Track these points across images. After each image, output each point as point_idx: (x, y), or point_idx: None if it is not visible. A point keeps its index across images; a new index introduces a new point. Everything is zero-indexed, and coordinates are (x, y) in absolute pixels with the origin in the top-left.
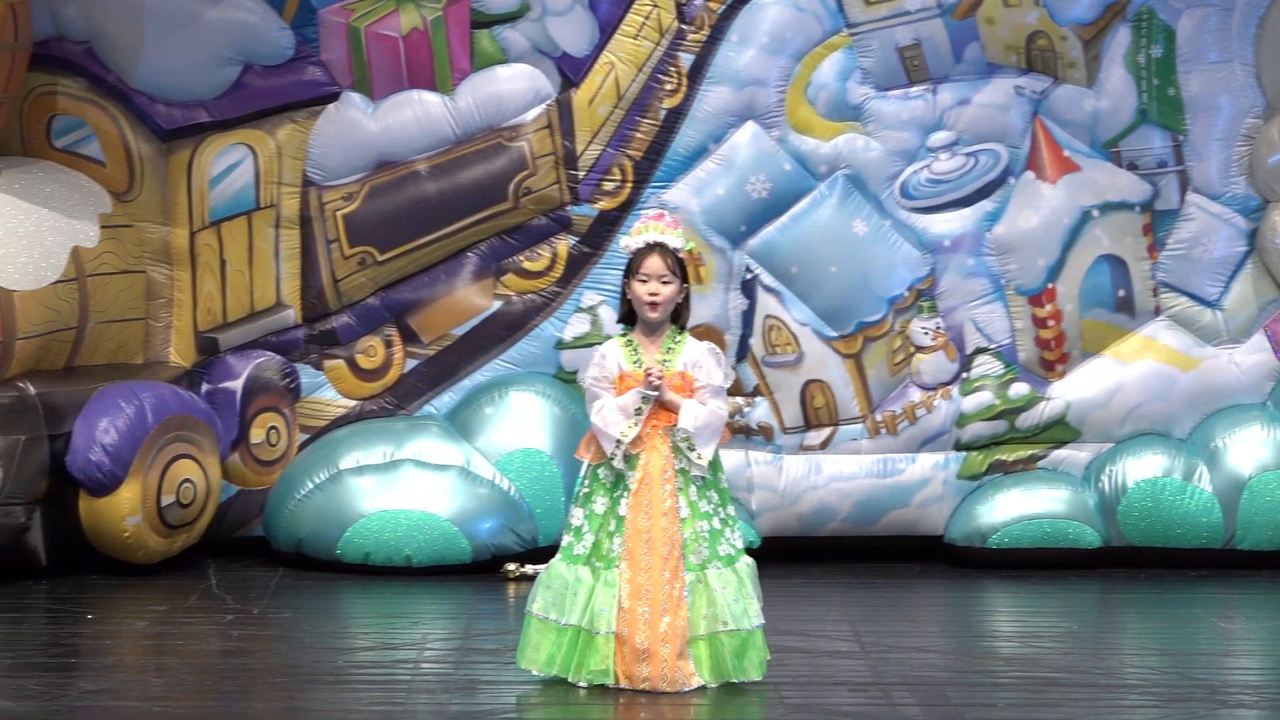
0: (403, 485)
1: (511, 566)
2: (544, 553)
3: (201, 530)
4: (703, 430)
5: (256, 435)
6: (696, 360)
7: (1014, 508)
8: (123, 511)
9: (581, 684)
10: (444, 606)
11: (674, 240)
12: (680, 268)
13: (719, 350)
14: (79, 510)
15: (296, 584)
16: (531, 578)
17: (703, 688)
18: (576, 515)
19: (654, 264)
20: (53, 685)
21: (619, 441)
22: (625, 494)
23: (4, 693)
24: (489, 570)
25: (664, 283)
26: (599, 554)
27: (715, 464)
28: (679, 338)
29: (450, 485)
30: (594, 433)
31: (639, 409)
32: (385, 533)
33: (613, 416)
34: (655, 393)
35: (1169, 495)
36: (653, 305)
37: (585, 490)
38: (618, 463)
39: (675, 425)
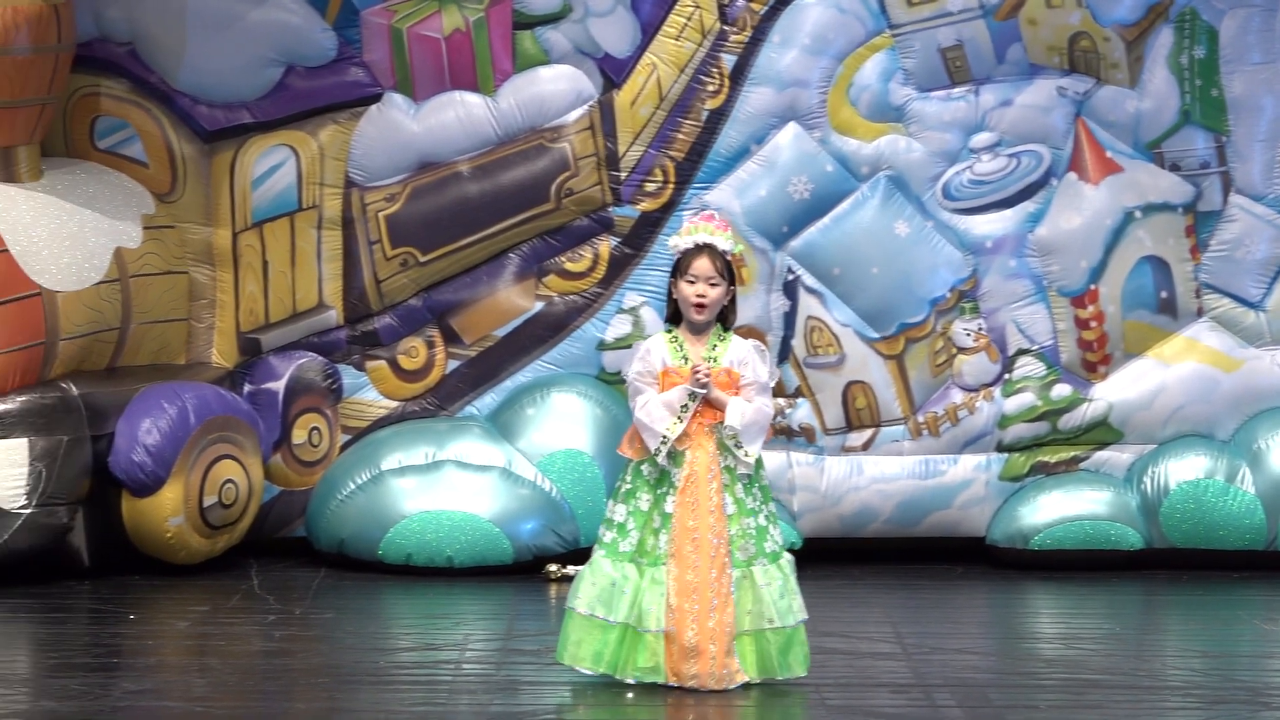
0: (444, 486)
1: (553, 567)
2: (585, 554)
3: (243, 531)
4: (749, 428)
5: (298, 436)
6: (742, 358)
7: (1056, 509)
8: (165, 512)
9: (630, 679)
10: (486, 607)
11: (723, 242)
12: (728, 270)
13: (764, 347)
14: (121, 511)
15: (338, 584)
16: (573, 578)
17: (747, 684)
18: (619, 511)
19: (702, 265)
20: (95, 685)
21: (664, 438)
22: (671, 491)
23: (47, 693)
24: (530, 571)
25: (711, 285)
26: (644, 551)
27: (757, 460)
28: (724, 335)
29: (492, 486)
30: (637, 428)
31: (685, 405)
32: (427, 533)
33: (658, 412)
34: (702, 390)
35: (1211, 497)
36: (699, 307)
37: (628, 486)
38: (662, 459)
39: (721, 423)
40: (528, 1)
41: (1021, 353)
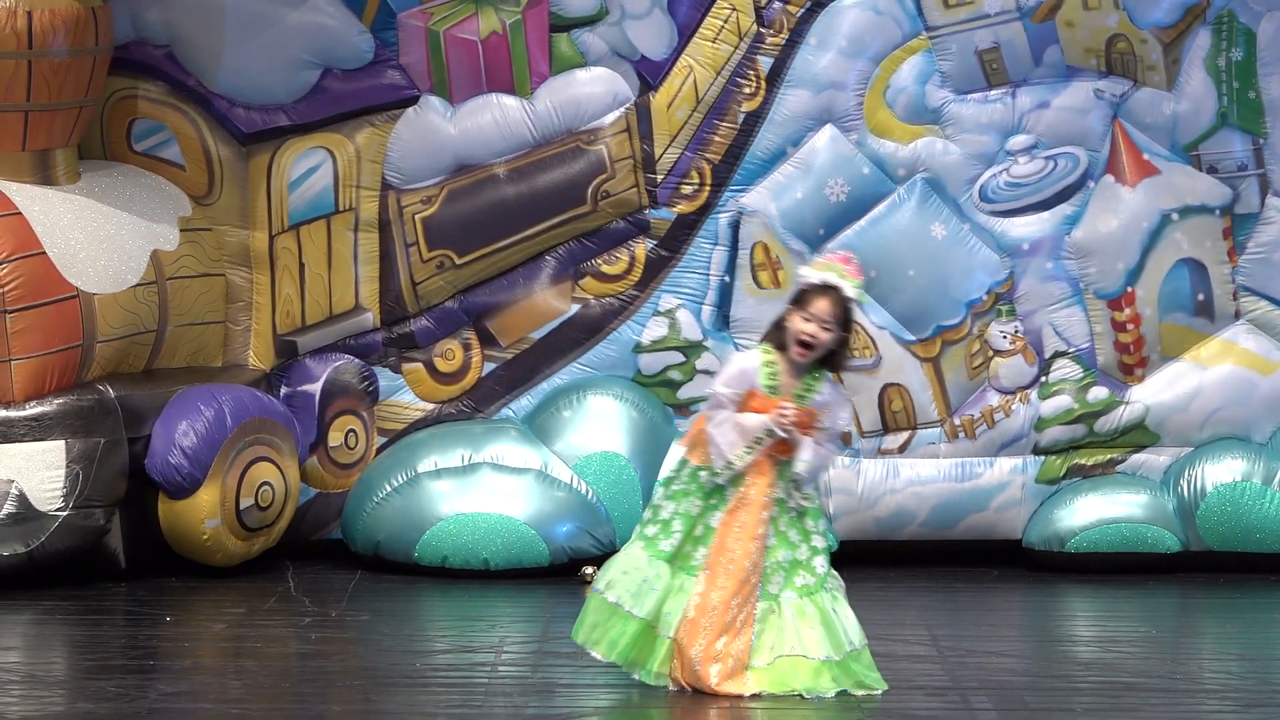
0: (481, 488)
1: (589, 570)
2: None
3: (280, 533)
4: (813, 472)
5: (335, 438)
6: (825, 401)
7: (1092, 512)
8: (201, 514)
9: (637, 676)
10: (521, 609)
11: (849, 289)
12: (847, 317)
13: (846, 394)
14: (158, 513)
15: (374, 586)
16: None
17: (757, 695)
18: (667, 508)
19: (823, 306)
20: (132, 687)
21: (730, 464)
22: (721, 506)
23: (84, 694)
24: (566, 573)
25: (824, 328)
26: (681, 556)
27: (814, 499)
28: (817, 377)
29: (528, 488)
30: (707, 440)
31: (759, 439)
32: (463, 536)
33: (732, 435)
34: (783, 434)
35: (1248, 500)
36: (805, 347)
37: (682, 485)
38: (721, 479)
39: (785, 458)
40: (564, 4)
41: (1058, 355)
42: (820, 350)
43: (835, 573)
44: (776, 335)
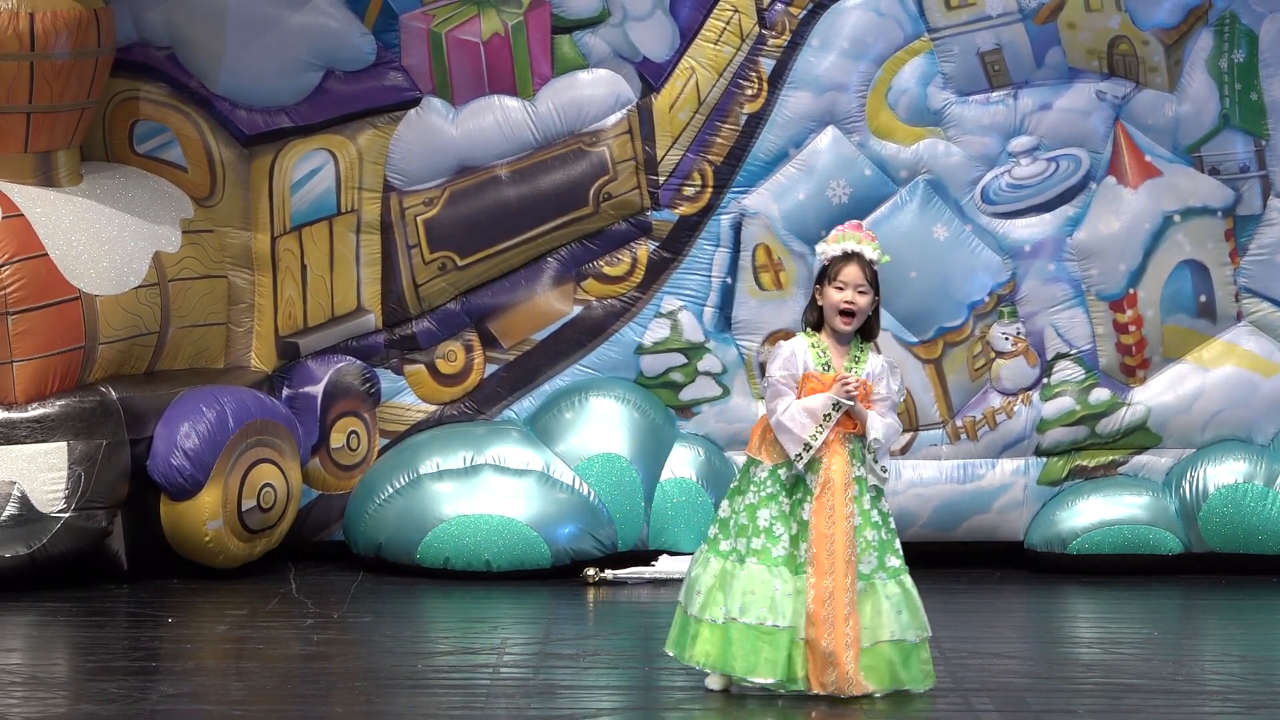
0: (482, 490)
1: (591, 571)
2: (623, 558)
3: (282, 534)
4: (887, 439)
5: (337, 440)
6: (876, 372)
7: (1095, 513)
8: (203, 516)
9: (788, 689)
10: (523, 611)
11: (871, 251)
12: (875, 279)
13: (896, 365)
14: (160, 514)
15: (376, 588)
16: (612, 583)
17: (870, 696)
18: (764, 516)
19: (852, 272)
20: (134, 689)
21: (808, 445)
22: (808, 497)
23: (86, 696)
24: (568, 575)
25: (860, 292)
26: (791, 557)
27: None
28: (864, 347)
29: (530, 490)
30: (775, 431)
31: (828, 415)
32: (465, 537)
33: (802, 419)
34: (850, 401)
35: (1250, 501)
36: (847, 315)
37: (768, 491)
38: (800, 467)
39: (856, 433)
40: (566, 5)
41: (1060, 357)
42: (862, 316)
43: None
44: (813, 315)
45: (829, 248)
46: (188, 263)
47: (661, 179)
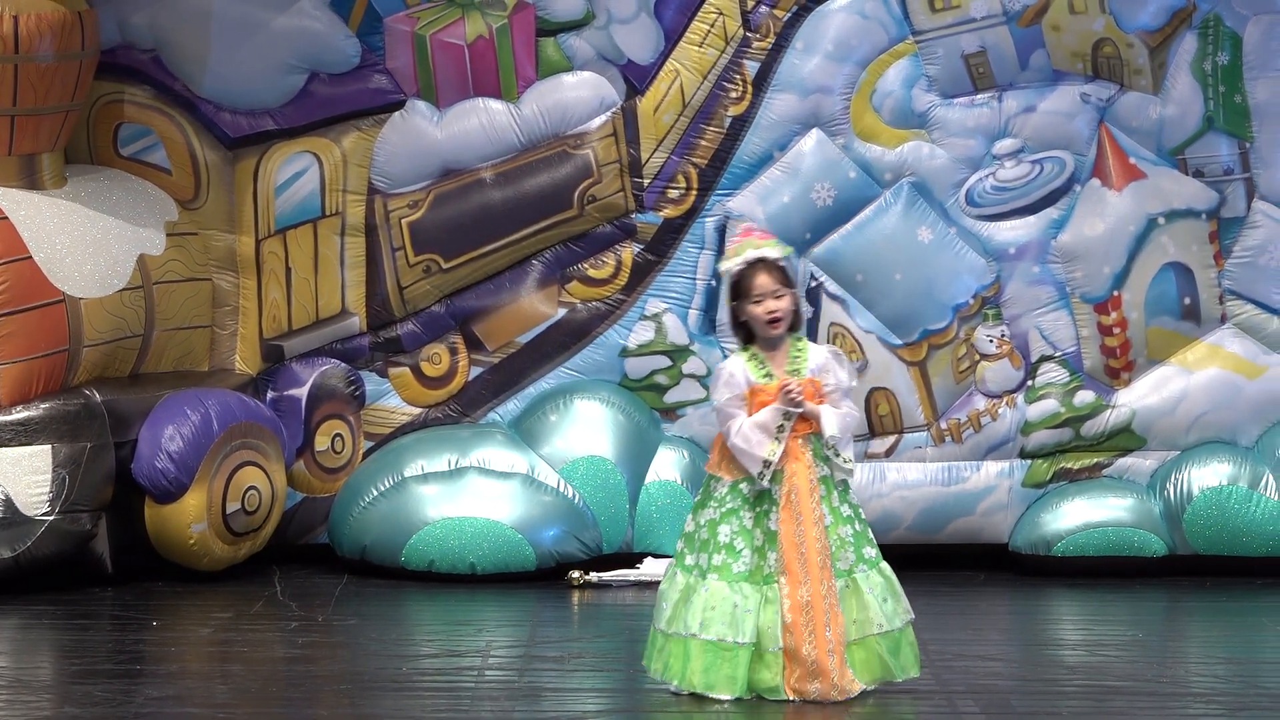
0: (467, 493)
1: (576, 574)
2: (608, 561)
3: (266, 537)
4: (844, 431)
5: (321, 442)
6: (822, 365)
7: (1079, 516)
8: (188, 518)
9: (749, 698)
10: (508, 614)
11: (774, 251)
12: (786, 275)
13: (840, 351)
14: (144, 517)
15: (361, 591)
16: (596, 586)
17: (864, 693)
18: (724, 532)
19: (764, 281)
20: (118, 692)
21: (767, 462)
22: (774, 508)
23: (70, 699)
24: (553, 578)
25: (778, 297)
26: (755, 571)
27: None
28: (800, 345)
29: (515, 493)
30: (734, 454)
31: (781, 426)
32: (450, 540)
33: (755, 436)
34: (797, 409)
35: (1235, 503)
36: (774, 322)
37: (729, 507)
38: (765, 483)
39: (816, 434)
40: (551, 8)
41: (1044, 359)
42: (789, 318)
43: None
44: (742, 333)
45: (731, 263)
46: (172, 265)
47: (646, 181)
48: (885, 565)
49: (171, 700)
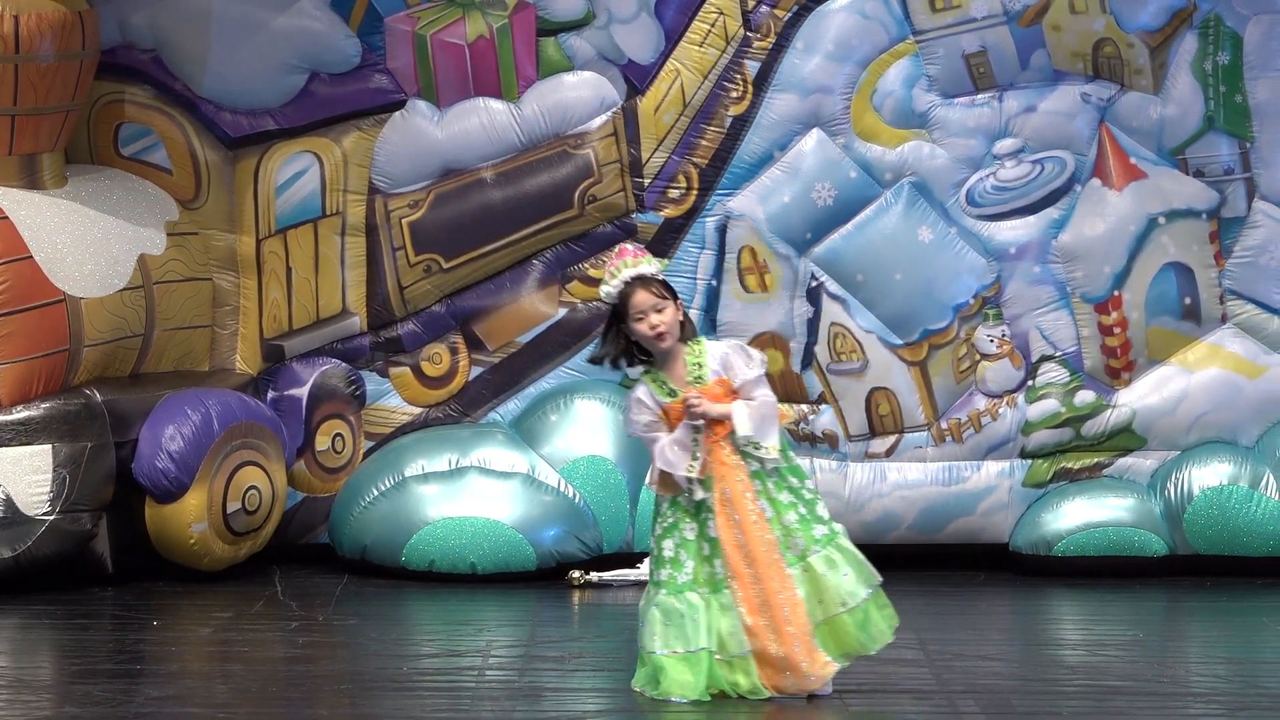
0: (468, 492)
1: (576, 574)
2: (609, 560)
3: (267, 537)
4: (761, 425)
5: (322, 442)
6: (725, 361)
7: (1079, 515)
8: (188, 518)
9: (735, 695)
10: (509, 614)
11: (648, 268)
12: (667, 289)
13: (740, 343)
14: (145, 517)
15: (361, 591)
16: (597, 586)
17: (831, 690)
18: (667, 547)
19: (642, 299)
20: (118, 692)
21: (690, 478)
22: (710, 515)
23: (70, 699)
24: (554, 578)
25: (658, 311)
26: (700, 579)
27: (783, 447)
28: (696, 348)
29: (515, 492)
30: (660, 473)
31: (695, 440)
32: (450, 540)
33: (674, 455)
34: (699, 420)
35: (1235, 503)
36: (660, 336)
37: (670, 521)
38: (698, 495)
39: (732, 434)
40: (551, 8)
41: (1045, 359)
42: (674, 327)
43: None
44: (636, 353)
45: (609, 287)
46: (173, 265)
47: (646, 181)
48: (841, 538)
49: (172, 700)
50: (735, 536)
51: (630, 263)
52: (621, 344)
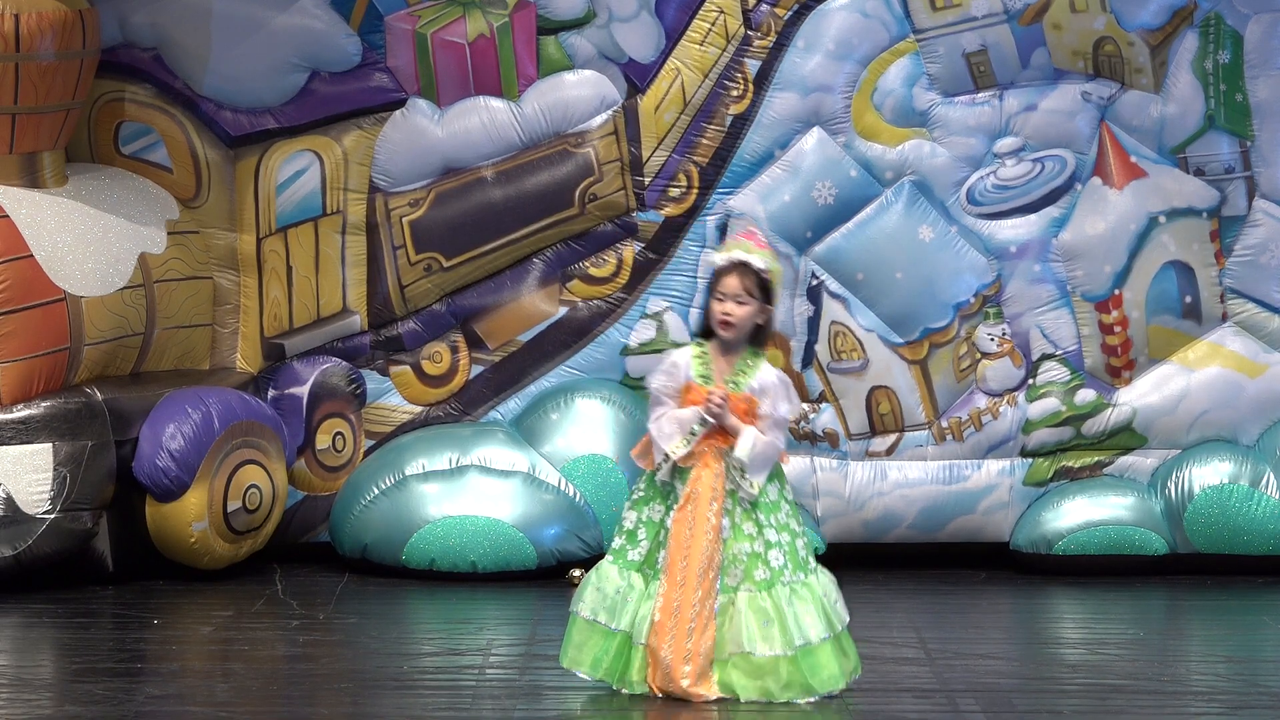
0: (468, 491)
1: (576, 573)
2: None
3: (267, 536)
4: (756, 460)
5: (322, 441)
6: (765, 387)
7: (1080, 514)
8: (189, 517)
9: (624, 690)
10: (509, 612)
11: (757, 261)
12: (761, 288)
13: (790, 382)
14: (145, 516)
15: (362, 589)
16: None
17: (722, 700)
18: (630, 518)
19: (730, 283)
20: (119, 690)
21: (666, 456)
22: (672, 507)
23: (71, 698)
24: (554, 576)
25: (739, 303)
26: (650, 562)
27: (781, 479)
28: (753, 360)
29: (516, 491)
30: (651, 439)
31: (694, 430)
32: (450, 538)
33: (668, 429)
34: (712, 420)
35: (1236, 502)
36: (725, 325)
37: (641, 494)
38: (663, 476)
39: (731, 448)
40: (552, 7)
41: (1045, 358)
42: (742, 324)
43: (819, 567)
44: (706, 324)
45: (716, 257)
46: (173, 264)
47: (647, 180)
48: (780, 592)
49: (172, 699)
50: (684, 536)
51: (747, 247)
52: (706, 317)
